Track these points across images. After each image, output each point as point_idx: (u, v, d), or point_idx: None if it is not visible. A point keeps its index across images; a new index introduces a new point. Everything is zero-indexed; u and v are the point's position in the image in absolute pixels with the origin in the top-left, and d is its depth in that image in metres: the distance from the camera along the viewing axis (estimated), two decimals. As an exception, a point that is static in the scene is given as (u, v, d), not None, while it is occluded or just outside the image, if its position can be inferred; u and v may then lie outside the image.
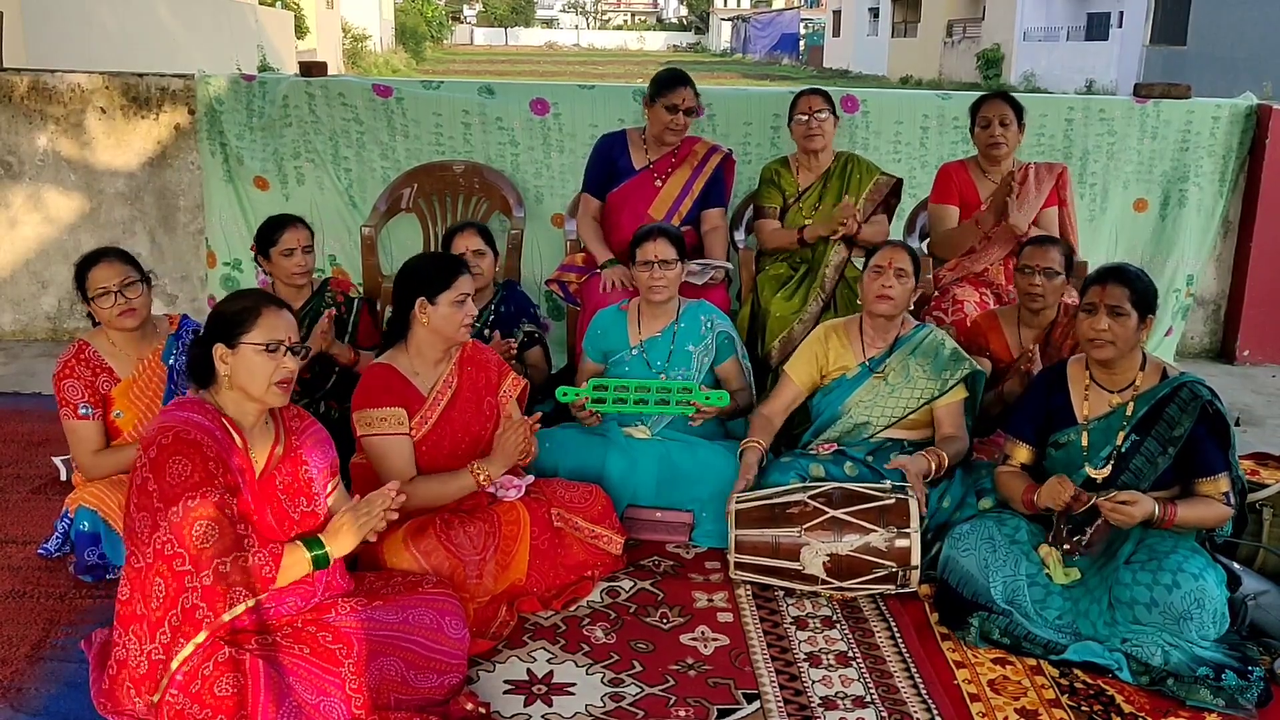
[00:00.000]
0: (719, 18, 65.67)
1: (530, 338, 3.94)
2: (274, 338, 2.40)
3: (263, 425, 2.48)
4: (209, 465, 2.28)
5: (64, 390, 3.06)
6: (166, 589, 2.26)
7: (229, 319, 2.42)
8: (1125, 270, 2.92)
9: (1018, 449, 3.07)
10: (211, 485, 2.27)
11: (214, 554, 2.25)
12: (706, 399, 3.42)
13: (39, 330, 5.43)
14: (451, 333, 2.98)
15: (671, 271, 3.53)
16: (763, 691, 2.61)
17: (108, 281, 3.07)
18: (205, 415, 2.37)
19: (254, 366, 2.38)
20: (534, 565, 2.99)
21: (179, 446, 2.28)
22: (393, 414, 2.93)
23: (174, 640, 2.24)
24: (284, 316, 2.45)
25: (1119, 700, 2.59)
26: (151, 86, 5.19)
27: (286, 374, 2.41)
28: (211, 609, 2.25)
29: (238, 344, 2.39)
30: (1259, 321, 5.37)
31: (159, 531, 2.26)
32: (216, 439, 2.34)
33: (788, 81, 23.50)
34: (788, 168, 4.31)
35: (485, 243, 3.84)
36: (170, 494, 2.25)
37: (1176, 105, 5.11)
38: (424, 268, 3.03)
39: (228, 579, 2.26)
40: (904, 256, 3.36)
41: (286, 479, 2.46)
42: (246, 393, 2.40)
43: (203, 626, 2.25)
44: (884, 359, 3.41)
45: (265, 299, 2.47)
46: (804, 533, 3.00)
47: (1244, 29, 20.11)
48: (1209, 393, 2.85)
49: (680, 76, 4.21)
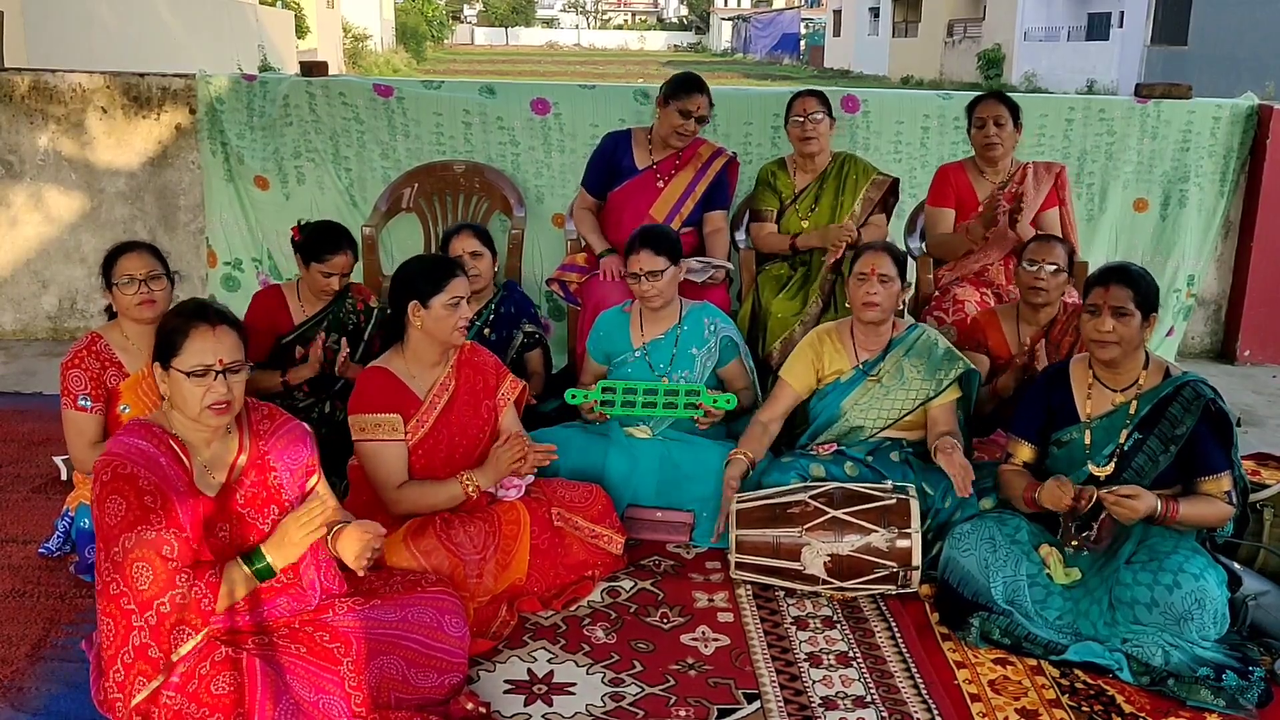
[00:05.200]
0: (719, 17, 65.66)
1: (531, 339, 3.94)
2: (200, 362, 2.28)
3: (223, 437, 2.39)
4: (144, 500, 2.19)
5: (68, 380, 3.07)
6: (115, 628, 2.20)
7: (161, 340, 2.33)
8: (1128, 270, 2.92)
9: (1020, 447, 3.07)
10: (147, 522, 2.18)
11: (152, 595, 2.18)
12: (714, 402, 3.42)
13: (39, 330, 5.43)
14: (446, 336, 2.97)
15: (660, 280, 3.51)
16: (763, 691, 2.61)
17: (135, 270, 3.08)
18: (151, 439, 2.28)
19: (183, 392, 2.29)
20: (534, 565, 2.99)
21: (115, 483, 2.20)
22: (387, 420, 2.92)
23: (128, 678, 2.19)
24: (219, 335, 2.31)
25: (1119, 700, 2.59)
26: (152, 86, 5.19)
27: (218, 398, 2.29)
28: (160, 648, 2.19)
29: (169, 367, 2.30)
30: (1260, 322, 5.37)
31: (104, 571, 2.21)
32: (160, 465, 2.25)
33: (788, 81, 23.49)
34: (784, 169, 4.31)
35: (483, 244, 3.83)
36: (110, 535, 2.19)
37: (1177, 105, 5.11)
38: (417, 270, 3.01)
39: (168, 618, 2.19)
40: (886, 260, 3.34)
41: (250, 491, 2.39)
42: (184, 415, 2.32)
43: (159, 667, 2.19)
44: (878, 362, 3.40)
45: (199, 315, 2.33)
46: (805, 533, 3.00)
47: (1245, 29, 20.10)
48: (1212, 392, 2.86)
49: (698, 83, 4.16)
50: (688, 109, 4.11)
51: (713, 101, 4.22)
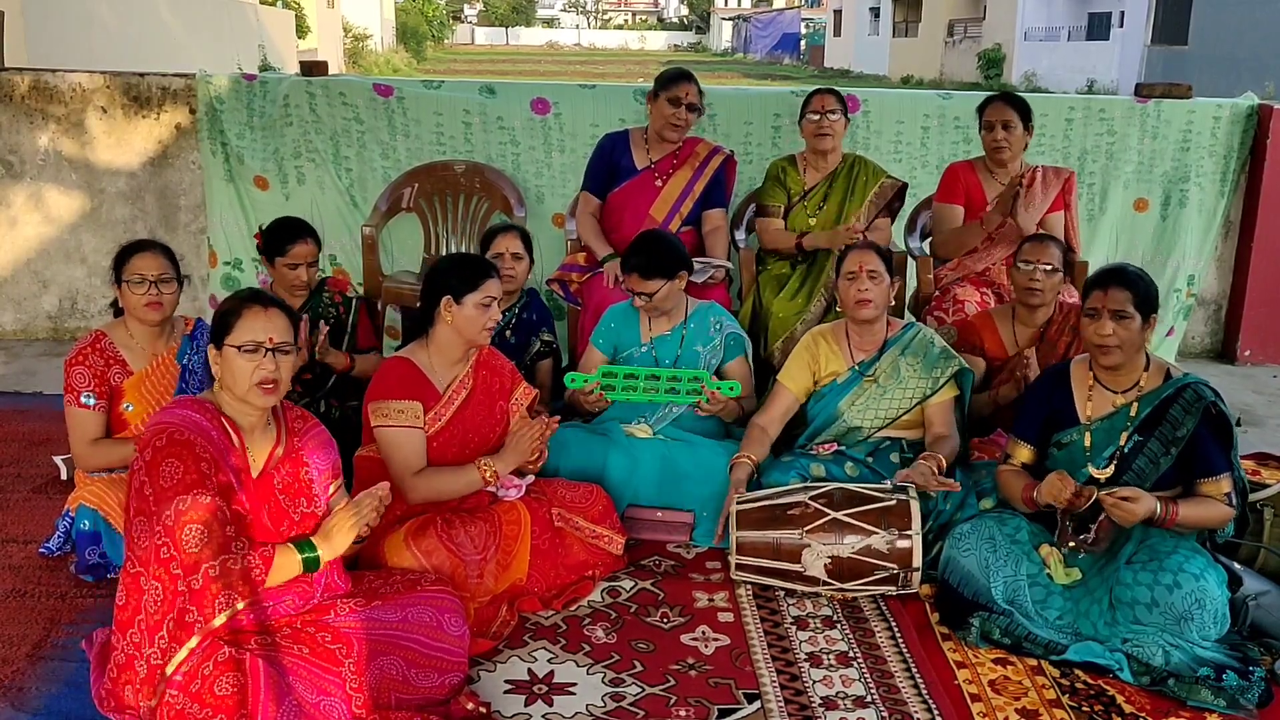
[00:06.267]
0: (720, 17, 65.65)
1: (547, 347, 3.96)
2: (252, 339, 2.39)
3: (264, 426, 2.47)
4: (201, 465, 2.28)
5: (71, 376, 3.08)
6: (164, 592, 2.24)
7: (217, 321, 2.45)
8: (1126, 272, 2.92)
9: (1019, 449, 3.07)
10: (203, 486, 2.26)
11: (204, 558, 2.23)
12: (717, 387, 3.43)
13: (40, 330, 5.43)
14: (474, 334, 3.00)
15: (655, 298, 3.52)
16: (763, 691, 2.61)
17: (147, 270, 3.10)
18: (203, 414, 2.37)
19: (235, 368, 2.38)
20: (535, 565, 2.99)
21: (172, 448, 2.28)
22: (410, 407, 2.94)
23: (171, 644, 2.23)
24: (270, 316, 2.43)
25: (1120, 700, 2.58)
26: (152, 86, 5.19)
27: (266, 375, 2.38)
28: (201, 613, 2.24)
29: (223, 346, 2.41)
30: (1260, 322, 5.37)
31: (154, 535, 2.24)
32: (212, 438, 2.34)
33: (789, 81, 23.45)
34: (795, 166, 4.31)
35: (524, 247, 3.87)
36: (163, 495, 2.25)
37: (1177, 105, 5.11)
38: (454, 267, 3.04)
39: (217, 582, 2.25)
40: (873, 258, 3.35)
41: (286, 479, 2.46)
42: (233, 393, 2.41)
43: (194, 630, 2.23)
44: (874, 362, 3.40)
45: (253, 298, 2.46)
46: (805, 534, 2.99)
47: (1245, 29, 20.10)
48: (1212, 394, 2.85)
49: (684, 72, 4.26)
50: (676, 96, 4.14)
51: (702, 91, 4.26)
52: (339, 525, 2.44)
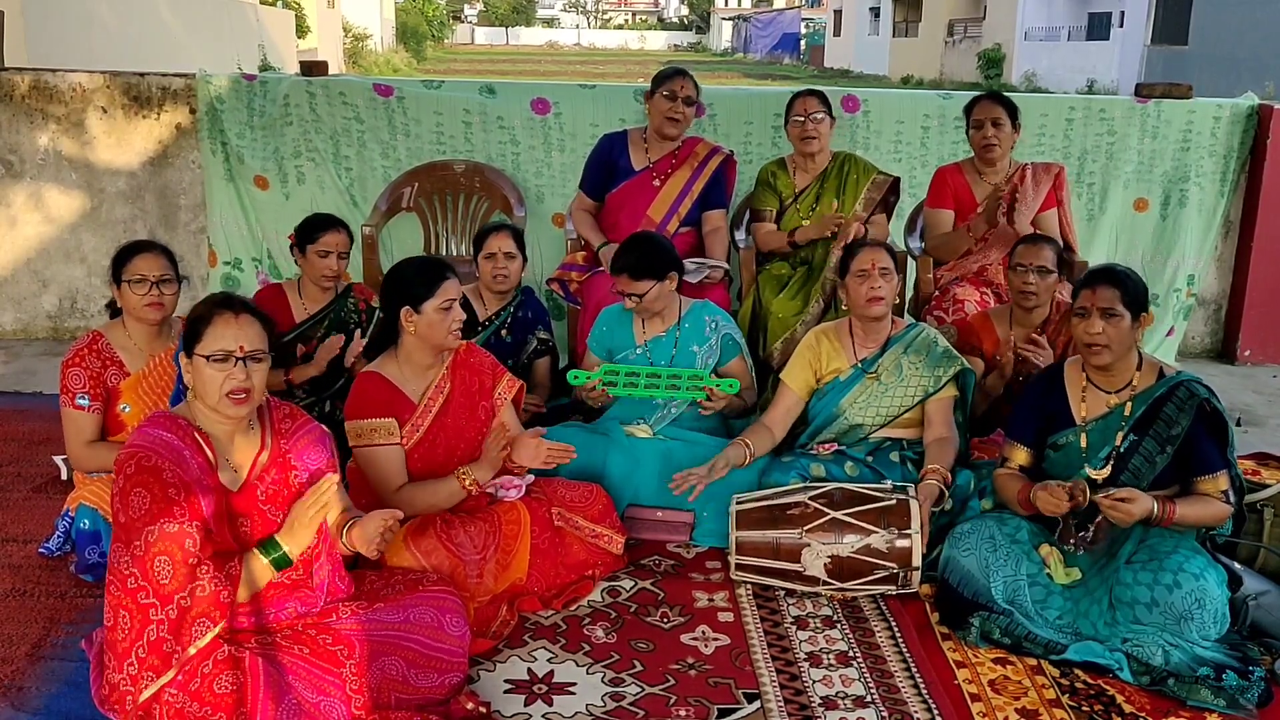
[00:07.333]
0: (720, 17, 65.65)
1: (543, 345, 3.95)
2: (221, 348, 2.30)
3: (246, 432, 2.41)
4: (169, 492, 2.21)
5: (67, 377, 3.08)
6: (131, 622, 2.20)
7: (188, 328, 2.37)
8: (1113, 271, 2.92)
9: (1016, 451, 3.07)
10: (171, 515, 2.20)
11: (173, 589, 2.19)
12: (716, 384, 3.42)
13: (39, 329, 5.43)
14: (440, 339, 2.93)
15: (645, 299, 3.50)
16: (763, 691, 2.61)
17: (148, 271, 3.09)
18: (175, 431, 2.30)
19: (204, 378, 2.31)
20: (534, 565, 2.99)
21: (140, 476, 2.22)
22: (383, 425, 2.91)
23: (140, 673, 2.20)
24: (241, 323, 2.35)
25: (1120, 700, 2.58)
26: (153, 86, 5.19)
27: (236, 385, 2.30)
28: (178, 642, 2.20)
29: (193, 355, 2.33)
30: (1260, 321, 5.37)
31: (124, 564, 2.21)
32: (184, 458, 2.27)
33: (789, 81, 23.47)
34: (785, 169, 4.31)
35: (517, 246, 3.87)
36: (134, 526, 2.20)
37: (1177, 105, 5.11)
38: (408, 274, 2.95)
39: (189, 612, 2.20)
40: (884, 255, 3.37)
41: (271, 488, 2.41)
42: (204, 403, 2.34)
43: (171, 661, 2.19)
44: (876, 359, 3.40)
45: (224, 303, 2.37)
46: (805, 534, 2.99)
47: (1245, 29, 20.10)
48: (1206, 391, 2.85)
49: (678, 69, 4.27)
50: (672, 90, 4.15)
51: (698, 86, 4.27)
52: (299, 517, 2.36)
